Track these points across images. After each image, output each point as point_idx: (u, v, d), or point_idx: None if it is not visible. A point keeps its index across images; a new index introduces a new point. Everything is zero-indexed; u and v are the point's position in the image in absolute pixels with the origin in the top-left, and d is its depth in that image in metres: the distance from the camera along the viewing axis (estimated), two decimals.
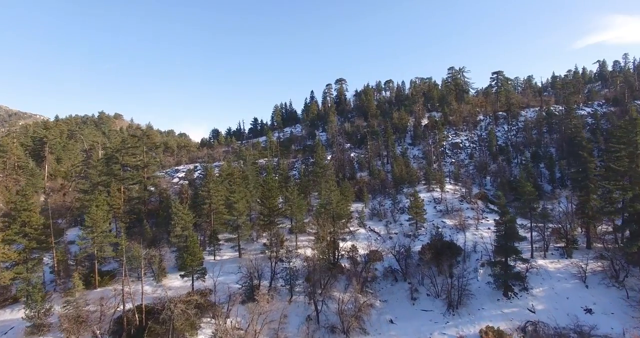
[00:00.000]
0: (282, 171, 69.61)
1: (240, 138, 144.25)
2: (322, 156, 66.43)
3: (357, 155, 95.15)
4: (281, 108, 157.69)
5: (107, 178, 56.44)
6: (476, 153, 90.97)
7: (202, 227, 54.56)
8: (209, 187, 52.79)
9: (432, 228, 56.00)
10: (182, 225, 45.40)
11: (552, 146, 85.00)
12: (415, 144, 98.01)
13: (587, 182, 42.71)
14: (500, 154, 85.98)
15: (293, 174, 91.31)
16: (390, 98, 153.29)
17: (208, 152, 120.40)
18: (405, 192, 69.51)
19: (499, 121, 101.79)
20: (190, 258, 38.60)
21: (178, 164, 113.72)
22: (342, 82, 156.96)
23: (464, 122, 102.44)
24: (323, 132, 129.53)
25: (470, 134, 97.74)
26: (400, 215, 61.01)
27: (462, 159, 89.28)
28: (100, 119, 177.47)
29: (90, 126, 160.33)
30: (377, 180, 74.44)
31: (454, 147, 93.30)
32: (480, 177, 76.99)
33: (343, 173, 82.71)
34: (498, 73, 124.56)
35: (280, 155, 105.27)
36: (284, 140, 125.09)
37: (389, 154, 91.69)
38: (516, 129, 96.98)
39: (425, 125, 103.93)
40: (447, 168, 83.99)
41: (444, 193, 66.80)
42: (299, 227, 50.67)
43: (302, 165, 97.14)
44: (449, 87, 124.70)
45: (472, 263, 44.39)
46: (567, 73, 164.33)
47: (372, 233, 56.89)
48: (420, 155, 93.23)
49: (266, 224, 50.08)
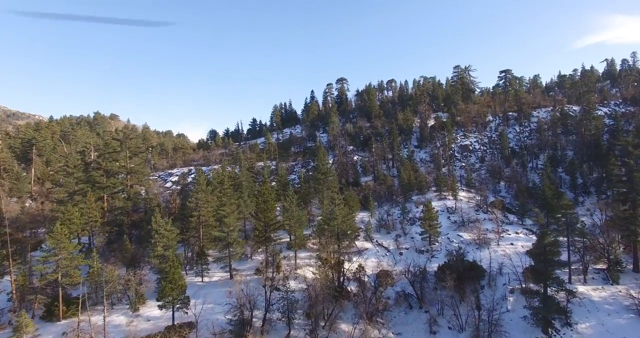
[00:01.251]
0: (280, 177, 63.03)
1: (239, 139, 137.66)
2: (323, 161, 59.79)
3: (360, 158, 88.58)
4: (280, 108, 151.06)
5: (85, 187, 49.89)
6: (487, 156, 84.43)
7: (190, 242, 48.10)
8: (198, 197, 46.26)
9: (447, 242, 49.51)
10: (164, 243, 38.91)
11: (569, 149, 78.41)
12: (421, 147, 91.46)
13: (634, 194, 36.09)
14: (514, 157, 79.41)
15: (292, 179, 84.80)
16: (393, 98, 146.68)
17: (204, 154, 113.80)
18: (414, 199, 62.96)
19: (509, 122, 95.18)
20: (170, 287, 32.05)
21: (172, 167, 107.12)
22: (343, 82, 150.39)
23: (472, 123, 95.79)
24: (324, 133, 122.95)
25: (480, 136, 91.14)
26: (410, 227, 54.46)
27: (472, 163, 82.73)
28: (95, 119, 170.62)
29: (84, 127, 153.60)
30: (383, 186, 67.87)
31: (463, 149, 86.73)
32: (493, 183, 70.42)
33: (346, 178, 76.19)
34: (506, 71, 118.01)
35: (278, 158, 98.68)
36: (283, 142, 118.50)
37: (395, 157, 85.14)
38: (528, 131, 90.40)
39: (431, 126, 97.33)
40: (458, 172, 77.42)
41: (457, 201, 60.23)
42: (298, 243, 44.11)
43: (302, 169, 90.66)
44: (456, 87, 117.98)
45: (498, 287, 37.87)
46: (573, 72, 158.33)
47: (380, 249, 50.37)
48: (428, 158, 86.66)
49: (261, 240, 43.52)
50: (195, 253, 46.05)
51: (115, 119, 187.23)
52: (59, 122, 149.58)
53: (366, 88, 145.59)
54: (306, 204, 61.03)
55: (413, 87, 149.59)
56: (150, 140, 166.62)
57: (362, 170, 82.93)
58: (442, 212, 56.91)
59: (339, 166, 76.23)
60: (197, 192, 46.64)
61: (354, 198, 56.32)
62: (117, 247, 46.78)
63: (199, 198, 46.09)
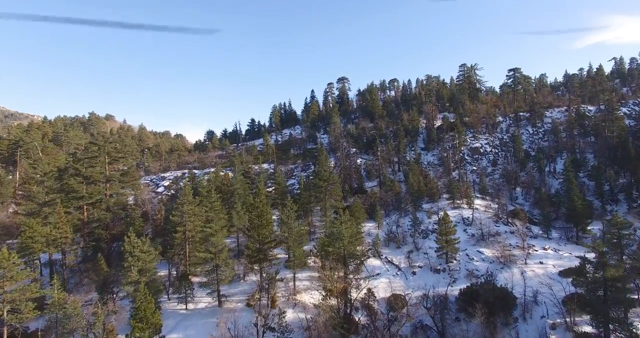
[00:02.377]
0: (278, 184, 56.58)
1: (236, 140, 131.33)
2: (325, 166, 53.49)
3: (364, 161, 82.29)
4: (280, 108, 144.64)
5: (57, 197, 43.51)
6: (499, 159, 78.16)
7: (175, 261, 41.81)
8: (183, 209, 39.95)
9: (466, 260, 43.23)
10: (140, 267, 32.60)
11: (589, 151, 72.12)
12: (428, 149, 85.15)
13: None
14: (529, 160, 73.14)
15: (292, 184, 78.57)
16: (396, 98, 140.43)
17: (200, 156, 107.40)
18: (425, 208, 56.66)
19: (520, 123, 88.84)
20: (140, 327, 25.81)
21: (166, 170, 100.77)
22: (345, 81, 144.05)
23: (482, 123, 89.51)
24: (325, 134, 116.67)
25: (491, 138, 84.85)
26: (423, 241, 48.19)
27: (483, 166, 76.44)
28: (90, 120, 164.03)
29: (77, 128, 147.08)
30: (390, 193, 61.56)
31: (474, 152, 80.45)
32: (509, 189, 64.14)
33: (350, 184, 69.90)
34: (515, 70, 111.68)
35: (276, 161, 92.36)
36: (283, 143, 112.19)
37: (401, 161, 78.86)
38: (542, 132, 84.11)
39: (438, 127, 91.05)
40: (469, 177, 71.14)
41: (473, 211, 53.96)
42: (298, 263, 37.81)
43: (302, 173, 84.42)
44: (462, 86, 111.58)
45: (535, 320, 31.59)
46: (579, 71, 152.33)
47: (390, 267, 44.09)
48: (436, 161, 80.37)
49: (255, 261, 37.21)
50: (179, 275, 39.81)
51: (111, 119, 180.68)
52: (51, 123, 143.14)
53: (368, 87, 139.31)
54: (307, 214, 54.79)
55: (416, 87, 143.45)
56: (146, 141, 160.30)
57: (367, 174, 76.67)
58: (457, 223, 50.57)
59: (342, 170, 69.95)
60: (183, 203, 40.31)
61: (359, 208, 49.98)
62: (90, 266, 40.50)
63: (185, 211, 39.79)
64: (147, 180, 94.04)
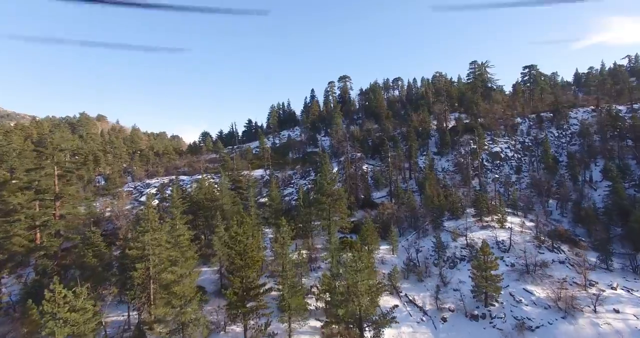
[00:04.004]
0: (272, 199, 46.01)
1: (232, 143, 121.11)
2: (328, 178, 43.20)
3: (370, 167, 72.05)
4: (278, 109, 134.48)
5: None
6: (524, 165, 67.95)
7: (136, 305, 31.53)
8: (144, 239, 29.67)
9: (511, 302, 32.98)
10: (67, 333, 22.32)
11: (629, 157, 61.90)
12: (442, 153, 74.88)
13: None
14: (558, 167, 62.96)
15: (290, 193, 68.34)
16: (401, 97, 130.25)
17: (190, 160, 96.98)
18: (447, 227, 46.47)
19: (543, 124, 78.60)
20: None
21: (153, 176, 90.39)
22: (346, 80, 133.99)
23: (499, 125, 79.32)
24: (326, 136, 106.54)
25: (511, 141, 74.62)
26: (451, 273, 38.03)
27: (506, 174, 66.22)
28: (79, 120, 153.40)
29: (64, 129, 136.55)
30: (404, 207, 51.35)
31: (494, 157, 70.21)
32: (542, 202, 53.99)
33: (356, 194, 59.67)
34: (530, 67, 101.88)
35: (273, 166, 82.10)
36: (280, 146, 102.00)
37: (412, 167, 68.64)
38: (569, 134, 73.88)
39: (450, 129, 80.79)
40: (491, 186, 60.95)
41: (505, 230, 43.79)
42: (294, 317, 27.54)
43: (300, 180, 74.22)
44: (475, 84, 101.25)
45: None
46: (589, 70, 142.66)
47: (412, 308, 33.87)
48: (451, 167, 70.13)
49: (237, 313, 26.93)
50: (139, 324, 29.54)
51: (103, 120, 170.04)
52: (36, 125, 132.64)
53: (371, 86, 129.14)
54: (306, 233, 44.60)
55: (422, 86, 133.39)
56: (138, 143, 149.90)
57: (374, 183, 66.42)
58: (491, 248, 40.35)
59: (347, 179, 59.65)
60: (144, 231, 30.00)
61: (371, 231, 39.73)
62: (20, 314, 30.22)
63: (147, 243, 29.51)
64: (130, 187, 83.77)
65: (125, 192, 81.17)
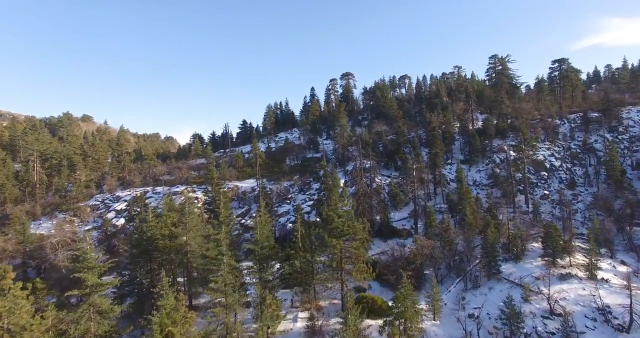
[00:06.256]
0: (256, 242, 29.92)
1: (224, 146, 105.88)
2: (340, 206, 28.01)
3: (385, 179, 56.95)
4: (275, 109, 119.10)
5: None
6: (578, 178, 52.98)
7: None
8: None
9: None
10: None
11: None
12: (471, 162, 59.70)
13: None
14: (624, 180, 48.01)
15: (286, 211, 53.33)
16: (410, 96, 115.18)
17: (173, 166, 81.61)
18: (507, 276, 31.42)
19: (590, 126, 63.60)
20: None
21: (129, 186, 75.13)
22: (349, 77, 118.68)
23: (536, 127, 64.34)
24: (328, 139, 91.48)
25: (554, 147, 59.66)
26: None
27: (557, 189, 51.22)
28: (60, 121, 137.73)
29: (42, 130, 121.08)
30: (438, 238, 36.28)
31: (537, 167, 55.19)
32: (628, 234, 38.93)
33: (370, 217, 44.60)
34: (561, 61, 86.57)
35: (267, 175, 66.98)
36: (276, 151, 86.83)
37: (437, 180, 53.59)
38: (627, 139, 58.84)
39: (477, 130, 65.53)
40: (544, 207, 46.01)
41: (596, 283, 28.78)
42: None
43: (298, 194, 59.23)
44: (501, 80, 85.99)
45: None
46: (606, 67, 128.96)
47: None
48: (485, 180, 55.12)
49: None
50: None
51: (89, 120, 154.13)
52: (8, 126, 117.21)
53: (377, 84, 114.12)
54: (307, 288, 29.55)
55: (431, 84, 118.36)
56: (125, 145, 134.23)
57: (391, 199, 51.34)
58: (586, 317, 25.40)
59: (360, 198, 44.43)
60: None
61: (410, 292, 24.66)
62: None
63: None
64: (98, 200, 68.49)
65: (90, 207, 66.13)
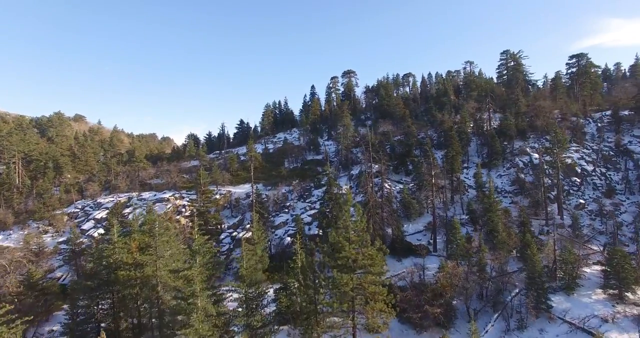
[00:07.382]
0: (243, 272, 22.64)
1: (221, 147, 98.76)
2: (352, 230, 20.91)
3: (395, 185, 49.85)
4: (274, 108, 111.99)
5: None
6: (615, 184, 45.97)
7: None
8: None
9: None
10: None
11: None
12: (490, 166, 52.65)
13: None
14: None
15: (283, 222, 46.29)
16: (414, 94, 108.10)
17: (162, 169, 74.36)
18: (559, 313, 24.38)
19: (621, 126, 56.64)
20: None
21: (114, 190, 67.94)
22: (351, 75, 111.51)
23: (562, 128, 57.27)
24: (329, 140, 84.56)
25: (583, 149, 52.69)
26: None
27: (595, 197, 44.18)
28: (50, 121, 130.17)
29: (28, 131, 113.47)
30: (467, 263, 29.24)
31: (567, 172, 48.12)
32: None
33: (380, 232, 37.54)
34: (579, 57, 79.64)
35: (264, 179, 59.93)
36: (275, 153, 79.72)
37: (455, 186, 46.52)
38: None
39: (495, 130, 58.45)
40: (583, 220, 38.99)
41: None
42: None
43: (297, 202, 52.23)
44: (516, 77, 78.92)
45: None
46: (615, 66, 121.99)
47: None
48: (507, 185, 48.10)
49: None
50: None
51: (81, 120, 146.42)
52: None
53: (380, 82, 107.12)
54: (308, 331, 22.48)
55: (436, 82, 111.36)
56: (118, 146, 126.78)
57: (403, 209, 44.27)
58: None
59: (370, 210, 37.34)
60: None
61: None
62: None
63: None
64: (78, 207, 61.26)
65: (68, 215, 58.96)
